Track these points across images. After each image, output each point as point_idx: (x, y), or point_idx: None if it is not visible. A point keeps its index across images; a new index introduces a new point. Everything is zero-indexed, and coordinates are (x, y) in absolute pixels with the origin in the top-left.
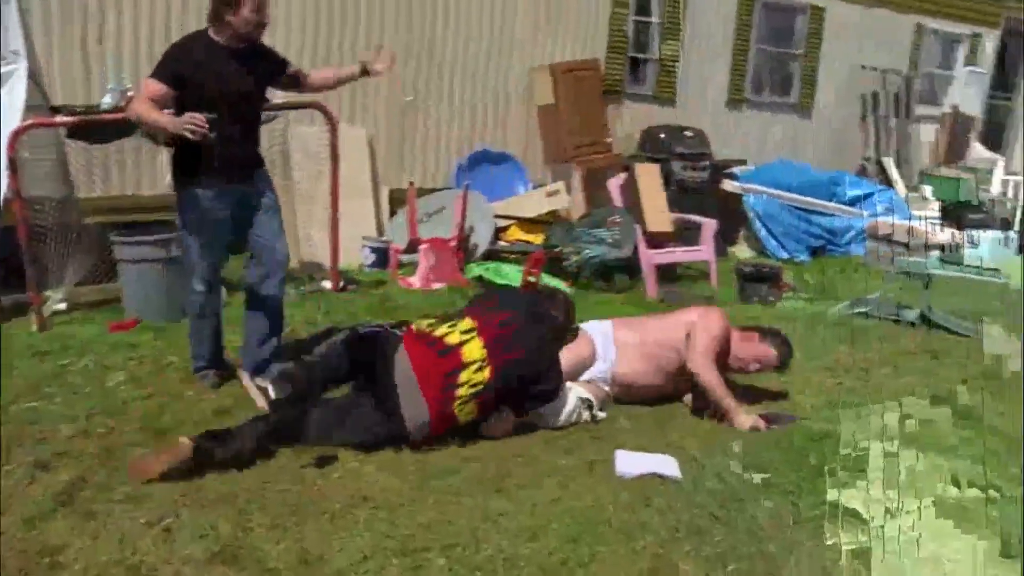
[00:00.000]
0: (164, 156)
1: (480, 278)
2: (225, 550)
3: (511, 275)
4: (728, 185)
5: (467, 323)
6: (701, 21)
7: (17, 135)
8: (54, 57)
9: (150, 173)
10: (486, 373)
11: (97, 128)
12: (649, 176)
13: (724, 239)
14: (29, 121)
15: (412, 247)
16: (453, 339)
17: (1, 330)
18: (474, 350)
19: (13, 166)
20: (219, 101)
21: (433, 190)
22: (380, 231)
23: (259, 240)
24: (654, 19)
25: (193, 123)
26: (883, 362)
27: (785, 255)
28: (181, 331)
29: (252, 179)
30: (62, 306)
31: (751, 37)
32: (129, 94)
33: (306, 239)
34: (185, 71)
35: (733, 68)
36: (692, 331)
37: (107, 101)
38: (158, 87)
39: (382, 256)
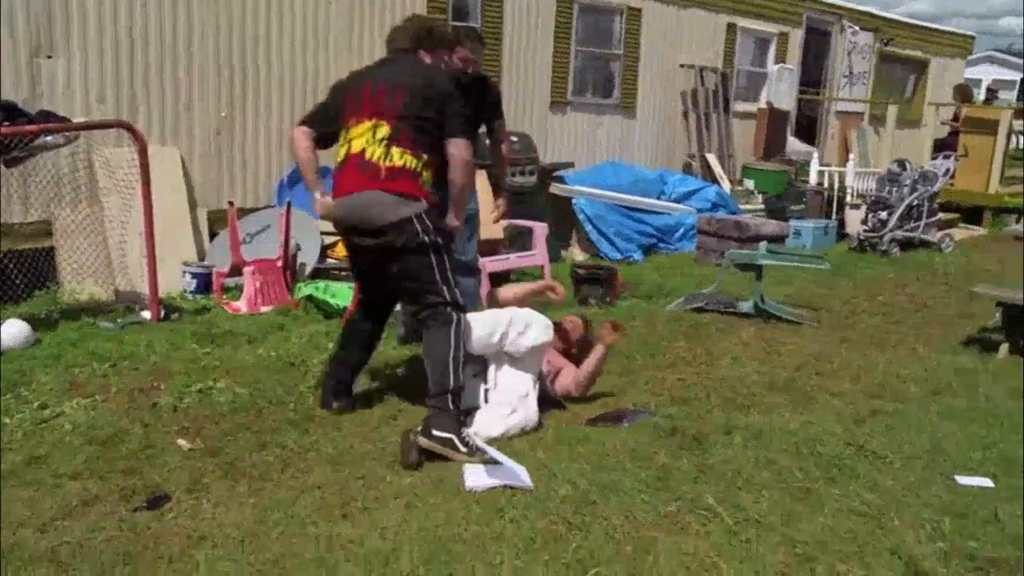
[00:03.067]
0: None
1: (310, 298)
2: None
3: (342, 293)
4: (556, 188)
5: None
6: (520, 25)
7: None
8: None
9: None
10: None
11: None
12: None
13: (557, 242)
14: None
15: (236, 270)
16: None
17: None
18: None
19: None
20: None
21: (255, 209)
22: (201, 255)
23: None
24: (473, 24)
25: None
26: (723, 353)
27: (618, 255)
28: None
29: None
30: None
31: (571, 39)
32: None
33: (121, 268)
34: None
35: (555, 71)
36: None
37: None
38: None
39: (205, 281)
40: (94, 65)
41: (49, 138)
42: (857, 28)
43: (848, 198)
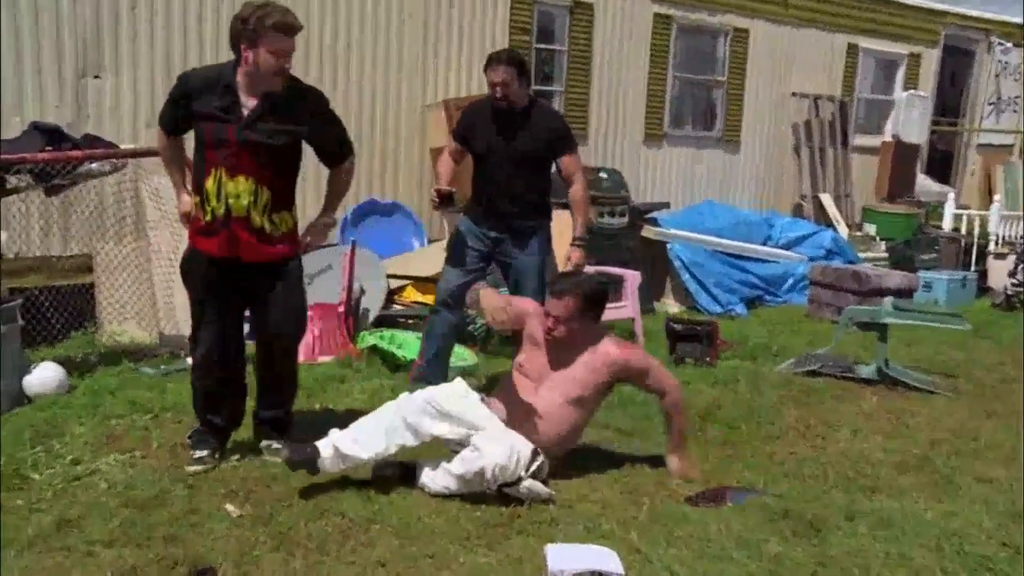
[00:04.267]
0: None
1: (374, 348)
2: None
3: (409, 345)
4: (649, 231)
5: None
6: (612, 47)
7: None
8: None
9: None
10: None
11: None
12: (560, 224)
13: (649, 293)
14: None
15: None
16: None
17: None
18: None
19: None
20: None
21: (316, 247)
22: None
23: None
24: (559, 47)
25: (432, 195)
26: (841, 425)
27: (718, 308)
28: (9, 423)
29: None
30: None
31: (668, 64)
32: None
33: (167, 309)
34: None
35: (650, 99)
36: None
37: None
38: (452, 144)
39: None
40: (144, 86)
41: (94, 165)
42: (1009, 45)
43: (991, 246)
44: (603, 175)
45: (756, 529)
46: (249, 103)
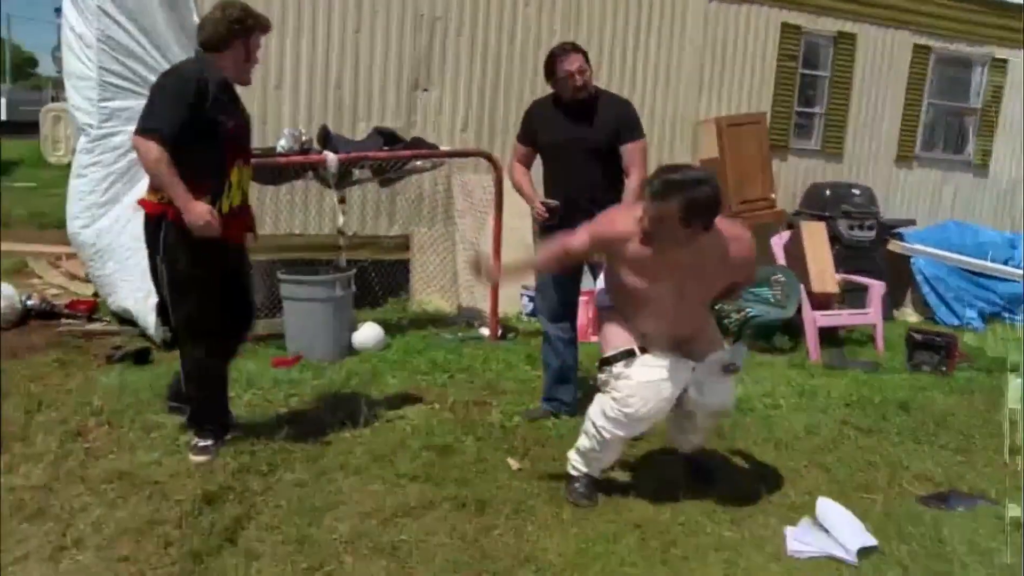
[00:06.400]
0: (331, 199)
1: None
2: None
3: None
4: (896, 246)
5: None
6: (872, 74)
7: None
8: None
9: (317, 214)
10: None
11: (271, 170)
12: (815, 234)
13: (891, 302)
14: None
15: None
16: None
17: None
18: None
19: None
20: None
21: None
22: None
23: None
24: (822, 72)
25: (539, 211)
26: None
27: (956, 321)
28: (341, 369)
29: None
30: None
31: (924, 91)
32: (304, 138)
33: (466, 285)
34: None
35: (904, 123)
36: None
37: (282, 144)
38: (521, 148)
39: None
40: (461, 98)
41: (419, 163)
42: None
43: None
44: (855, 191)
45: (988, 538)
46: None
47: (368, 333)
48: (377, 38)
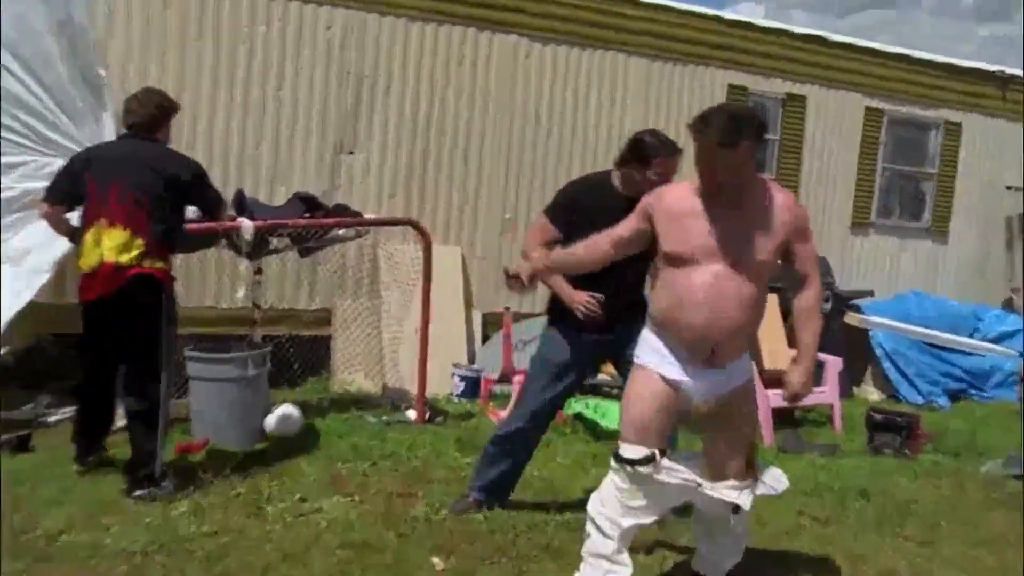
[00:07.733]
0: (245, 268)
1: (579, 416)
2: None
3: (612, 414)
4: (853, 319)
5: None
6: (823, 137)
7: None
8: None
9: (230, 286)
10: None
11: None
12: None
13: (850, 379)
14: None
15: (505, 377)
16: None
17: None
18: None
19: None
20: None
21: (531, 315)
22: (471, 358)
23: None
24: (771, 135)
25: (586, 306)
26: None
27: (919, 399)
28: (252, 456)
29: (619, 330)
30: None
31: (878, 155)
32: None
33: (392, 363)
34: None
35: (858, 188)
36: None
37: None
38: (551, 231)
39: (473, 385)
40: (389, 161)
41: (342, 231)
42: None
43: None
44: None
45: None
46: None
47: (283, 415)
48: (300, 96)
